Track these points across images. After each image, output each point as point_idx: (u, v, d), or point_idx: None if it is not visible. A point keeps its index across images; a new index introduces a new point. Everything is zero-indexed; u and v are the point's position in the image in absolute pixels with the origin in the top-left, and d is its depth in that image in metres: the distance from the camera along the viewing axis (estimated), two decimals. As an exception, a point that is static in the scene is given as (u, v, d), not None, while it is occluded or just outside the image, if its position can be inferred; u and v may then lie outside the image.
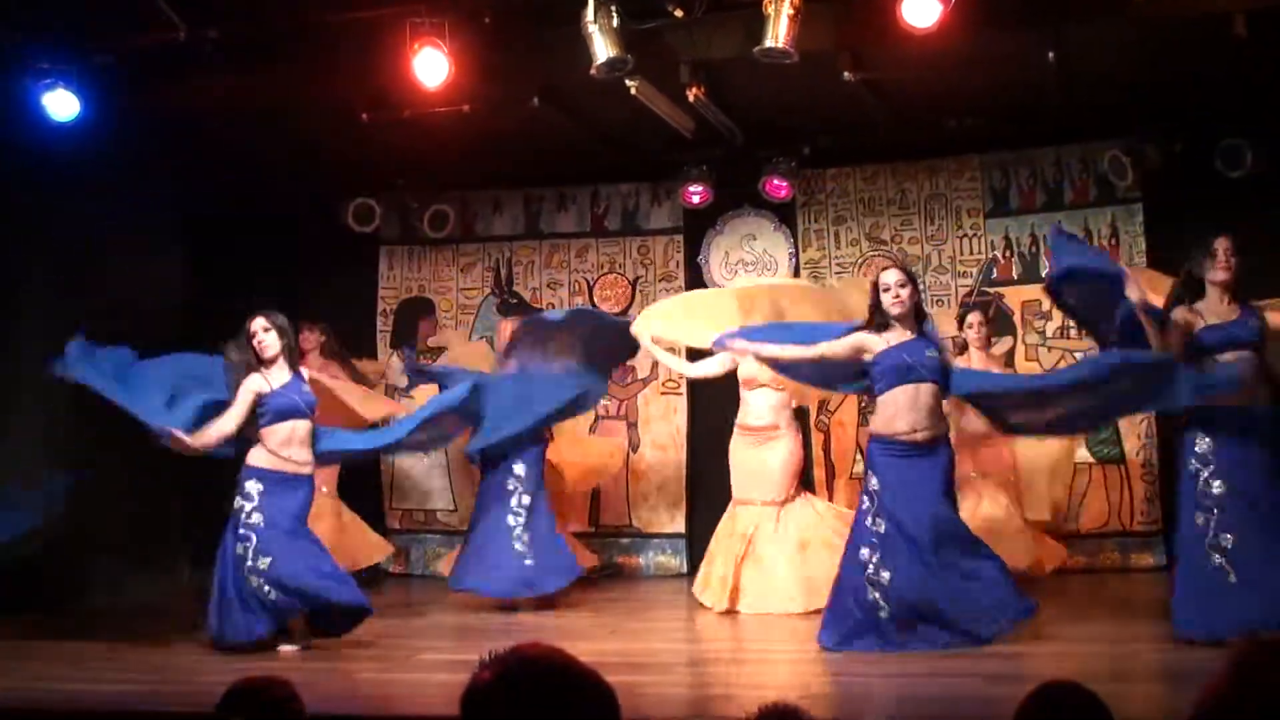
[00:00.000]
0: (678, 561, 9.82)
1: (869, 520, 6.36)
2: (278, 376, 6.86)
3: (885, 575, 6.25)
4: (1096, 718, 2.64)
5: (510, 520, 8.10)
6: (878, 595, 6.24)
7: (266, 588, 6.61)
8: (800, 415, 8.68)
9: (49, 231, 8.51)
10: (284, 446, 6.80)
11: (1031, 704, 2.66)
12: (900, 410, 6.30)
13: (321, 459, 7.13)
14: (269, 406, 6.80)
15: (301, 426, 6.87)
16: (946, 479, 6.44)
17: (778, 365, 6.95)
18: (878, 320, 6.43)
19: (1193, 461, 6.04)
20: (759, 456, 7.98)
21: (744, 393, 8.14)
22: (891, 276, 6.44)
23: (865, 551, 6.34)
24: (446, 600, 8.61)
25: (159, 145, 8.82)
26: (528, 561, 8.03)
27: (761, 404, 8.05)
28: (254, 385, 6.80)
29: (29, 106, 7.77)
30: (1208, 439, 6.01)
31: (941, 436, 6.41)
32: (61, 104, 7.79)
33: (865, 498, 6.44)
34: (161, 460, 7.40)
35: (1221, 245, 6.15)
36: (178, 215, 9.76)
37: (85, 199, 8.55)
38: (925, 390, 6.30)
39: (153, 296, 9.41)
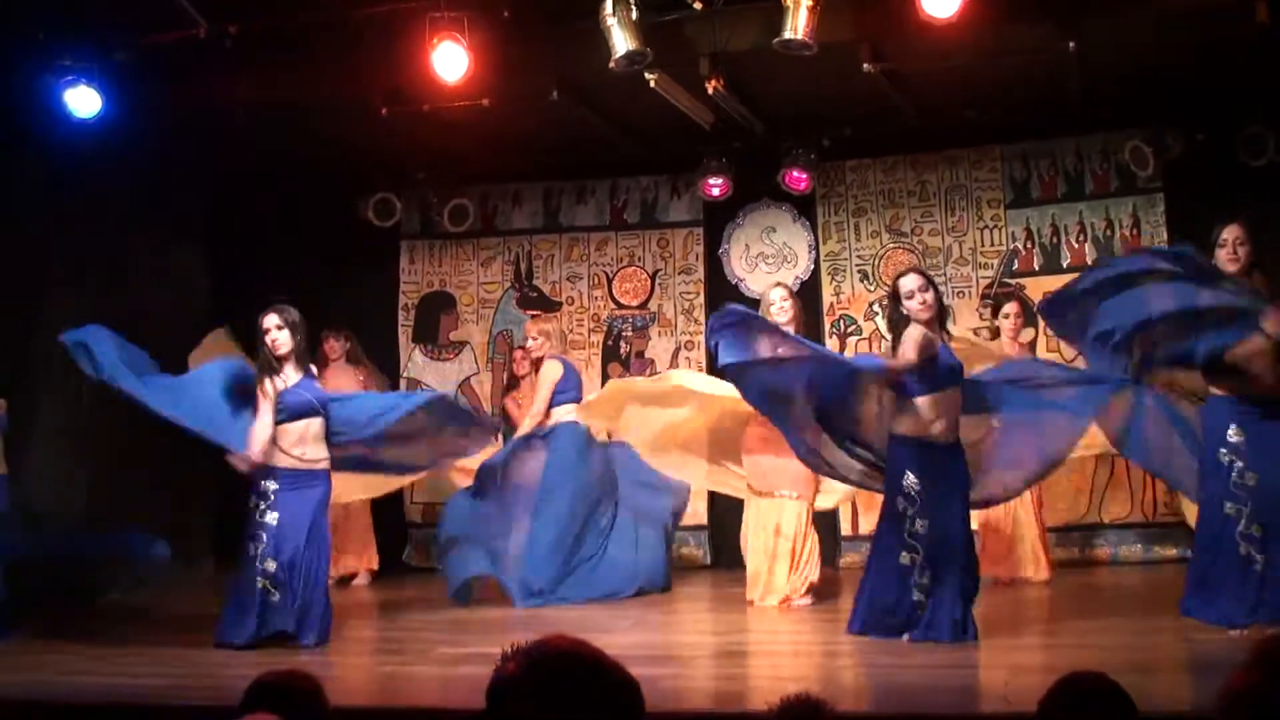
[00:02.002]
0: (701, 553, 9.83)
1: (909, 523, 6.16)
2: (291, 375, 6.77)
3: (926, 579, 6.15)
4: (1120, 709, 2.64)
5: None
6: (920, 596, 6.16)
7: (270, 588, 6.54)
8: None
9: (72, 228, 8.56)
10: (297, 445, 6.70)
11: (1056, 695, 2.66)
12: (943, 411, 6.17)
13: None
14: (284, 404, 6.71)
15: (315, 424, 6.77)
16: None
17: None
18: (895, 329, 6.32)
19: (1224, 451, 5.97)
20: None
21: None
22: (913, 281, 6.22)
23: (906, 556, 6.17)
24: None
25: (180, 141, 8.87)
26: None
27: None
28: (271, 387, 6.73)
29: (51, 103, 7.81)
30: (1240, 429, 5.93)
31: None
32: (83, 101, 7.82)
33: (900, 500, 6.19)
34: (186, 455, 7.43)
35: (1231, 234, 5.98)
36: (199, 211, 9.81)
37: (107, 196, 8.60)
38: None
39: (175, 292, 9.47)
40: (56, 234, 8.50)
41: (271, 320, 6.75)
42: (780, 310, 7.80)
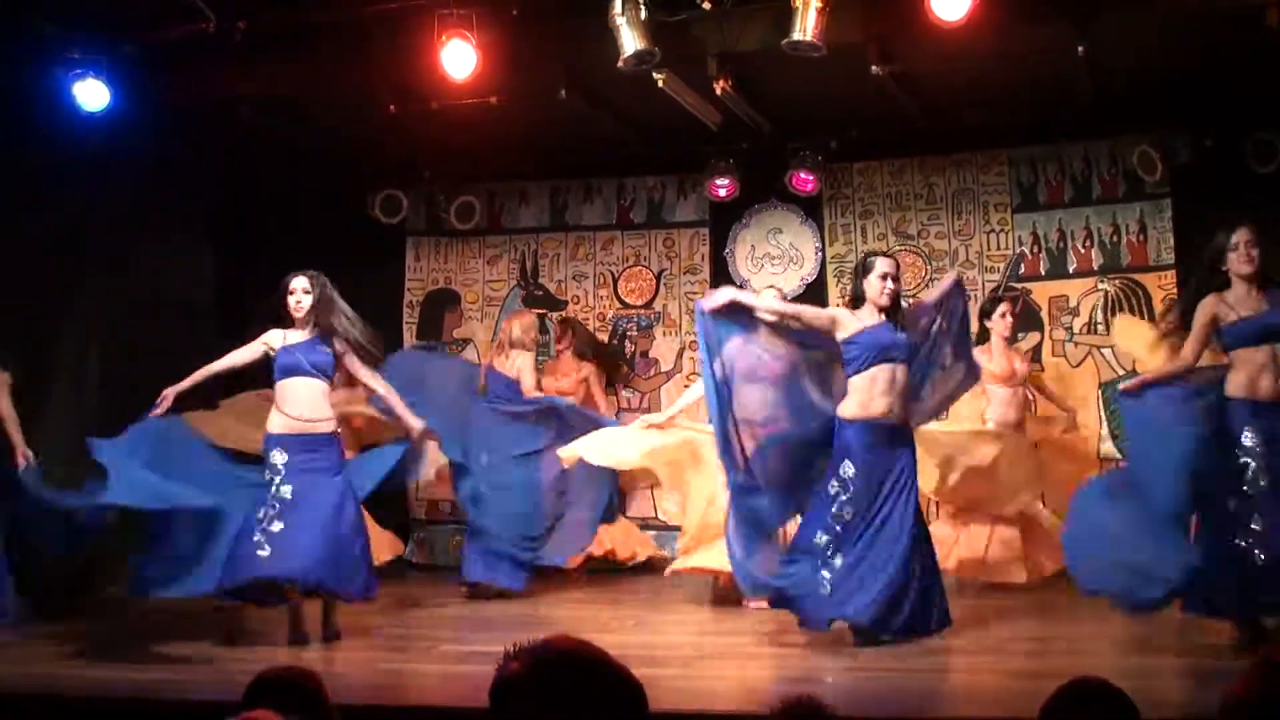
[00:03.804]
0: (702, 555, 9.80)
1: (835, 507, 6.27)
2: (295, 335, 6.71)
3: (838, 562, 6.23)
4: (1124, 715, 2.63)
5: None
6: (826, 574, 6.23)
7: (264, 544, 6.40)
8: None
9: (77, 221, 8.55)
10: (291, 405, 6.60)
11: (1060, 700, 2.66)
12: (879, 391, 6.28)
13: None
14: (276, 363, 6.67)
15: (309, 384, 6.64)
16: (914, 469, 6.39)
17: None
18: (855, 303, 6.46)
19: (1238, 452, 5.91)
20: None
21: None
22: (890, 265, 6.44)
23: (824, 537, 6.28)
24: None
25: (187, 136, 8.87)
26: None
27: None
28: (268, 339, 6.69)
29: (60, 97, 7.82)
30: (1256, 432, 5.92)
31: (908, 423, 6.41)
32: (92, 94, 7.84)
33: (834, 482, 6.29)
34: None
35: (1242, 237, 6.01)
36: (206, 206, 9.81)
37: (113, 189, 8.60)
38: (901, 371, 6.29)
39: (182, 287, 9.47)
40: (62, 227, 8.49)
41: (300, 283, 6.72)
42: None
